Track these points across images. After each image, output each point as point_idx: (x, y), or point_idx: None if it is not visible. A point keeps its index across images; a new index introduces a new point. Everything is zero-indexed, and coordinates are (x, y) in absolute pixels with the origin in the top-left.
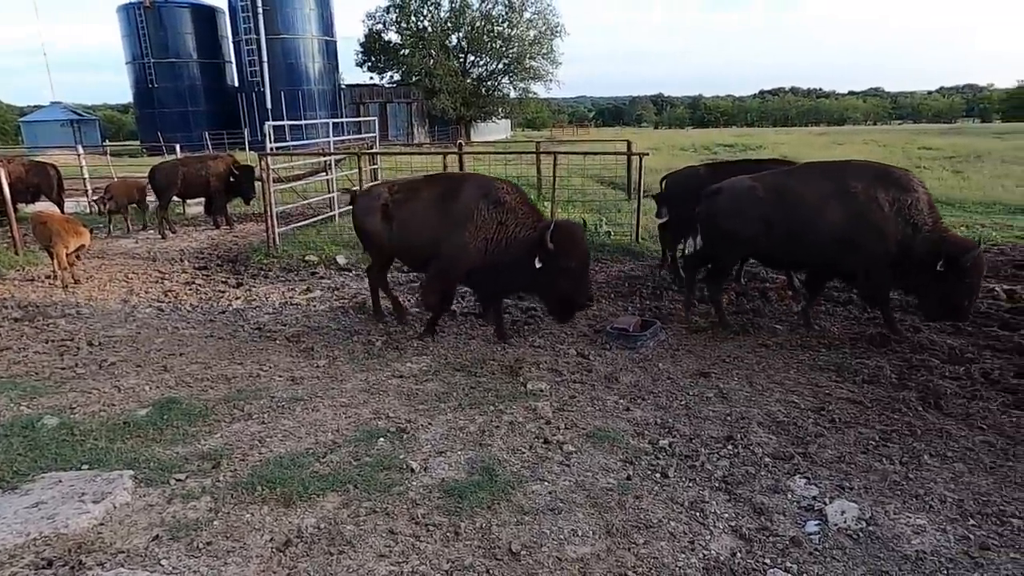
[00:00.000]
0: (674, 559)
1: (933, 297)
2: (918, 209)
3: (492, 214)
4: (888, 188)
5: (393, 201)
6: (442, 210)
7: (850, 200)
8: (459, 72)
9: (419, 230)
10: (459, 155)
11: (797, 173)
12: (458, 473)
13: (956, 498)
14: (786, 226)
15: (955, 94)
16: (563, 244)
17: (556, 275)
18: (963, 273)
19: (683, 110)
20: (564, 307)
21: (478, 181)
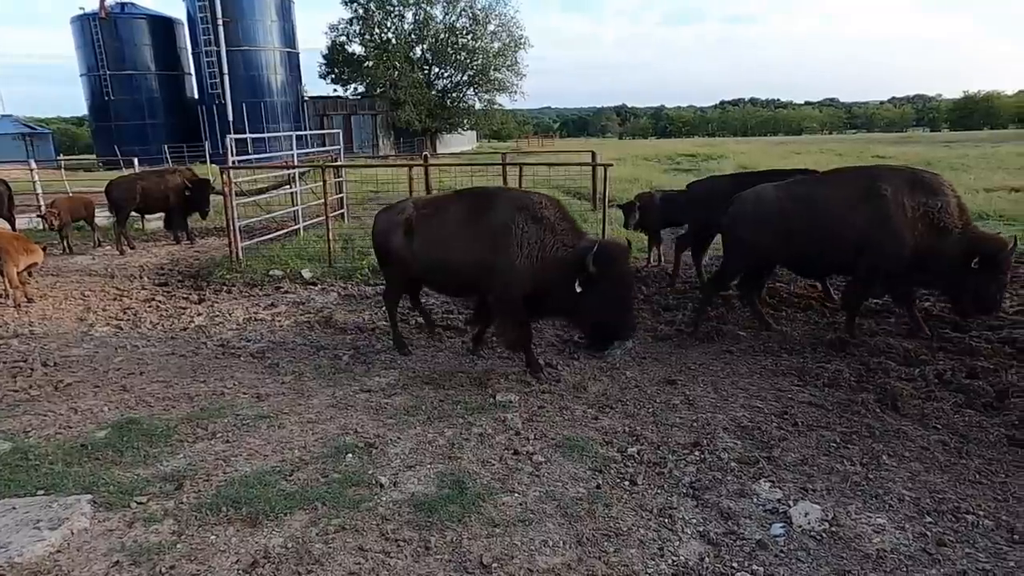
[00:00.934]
0: (644, 566)
1: (967, 294)
2: (948, 212)
3: (531, 231)
4: (916, 193)
5: (418, 217)
6: (475, 227)
7: (879, 204)
8: (424, 84)
9: (448, 249)
10: (425, 167)
11: (825, 180)
12: (428, 487)
13: (913, 496)
14: (810, 233)
15: (906, 104)
16: (607, 267)
17: (597, 301)
18: (997, 269)
19: (646, 121)
20: (603, 337)
21: (513, 195)
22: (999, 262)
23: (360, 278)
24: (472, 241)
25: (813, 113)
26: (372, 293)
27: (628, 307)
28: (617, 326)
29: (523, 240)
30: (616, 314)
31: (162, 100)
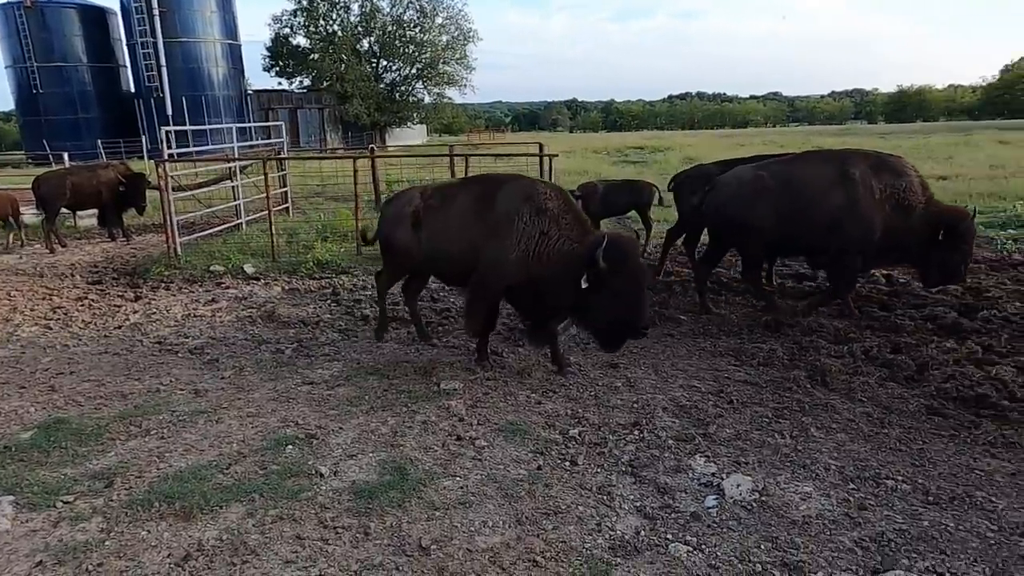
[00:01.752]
0: (582, 541)
1: (933, 266)
2: (912, 191)
3: (535, 222)
4: (883, 175)
5: (426, 207)
6: (480, 217)
7: (849, 187)
8: (372, 77)
9: (455, 239)
10: (371, 159)
11: (799, 162)
12: (369, 475)
13: (839, 465)
14: (791, 214)
15: (844, 98)
16: (617, 263)
17: (608, 298)
18: (959, 240)
19: (596, 114)
20: (614, 335)
21: (520, 184)
22: (961, 233)
23: (305, 272)
24: (476, 232)
25: (757, 107)
26: (317, 287)
27: (641, 303)
28: (630, 323)
29: (524, 232)
30: (628, 311)
31: (95, 93)
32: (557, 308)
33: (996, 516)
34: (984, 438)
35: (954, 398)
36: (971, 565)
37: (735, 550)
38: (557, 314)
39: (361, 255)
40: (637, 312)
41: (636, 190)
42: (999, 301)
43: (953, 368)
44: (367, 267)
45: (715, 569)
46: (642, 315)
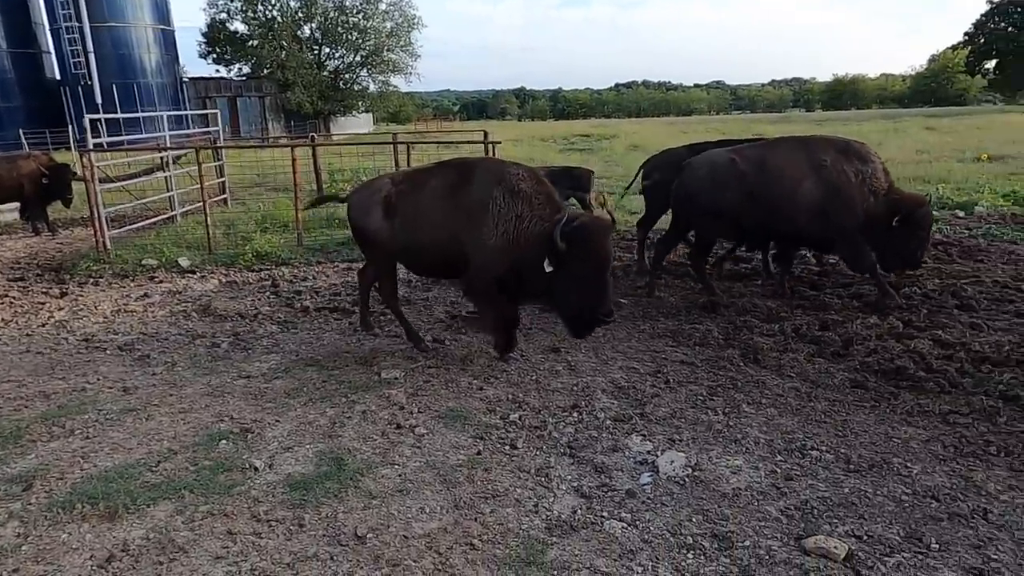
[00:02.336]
0: (519, 523)
1: (891, 250)
2: (877, 177)
3: (509, 205)
4: (852, 160)
5: (397, 193)
6: (453, 202)
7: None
8: (314, 64)
9: (427, 227)
10: (312, 147)
11: (772, 146)
12: (305, 467)
13: (767, 439)
14: (764, 198)
15: (784, 87)
16: (578, 244)
17: (569, 281)
18: (916, 226)
19: (544, 102)
20: (580, 321)
21: (490, 166)
22: (918, 220)
23: (243, 264)
24: (449, 218)
25: (701, 95)
26: (256, 279)
27: (602, 289)
28: (592, 309)
29: (499, 216)
30: (590, 295)
31: (16, 81)
32: (531, 295)
33: (911, 480)
34: (902, 408)
35: (876, 371)
36: (887, 527)
37: (668, 524)
38: (530, 302)
39: (302, 246)
40: (599, 296)
41: (575, 176)
42: (920, 279)
43: (876, 343)
44: (308, 258)
45: (648, 544)
46: (604, 299)
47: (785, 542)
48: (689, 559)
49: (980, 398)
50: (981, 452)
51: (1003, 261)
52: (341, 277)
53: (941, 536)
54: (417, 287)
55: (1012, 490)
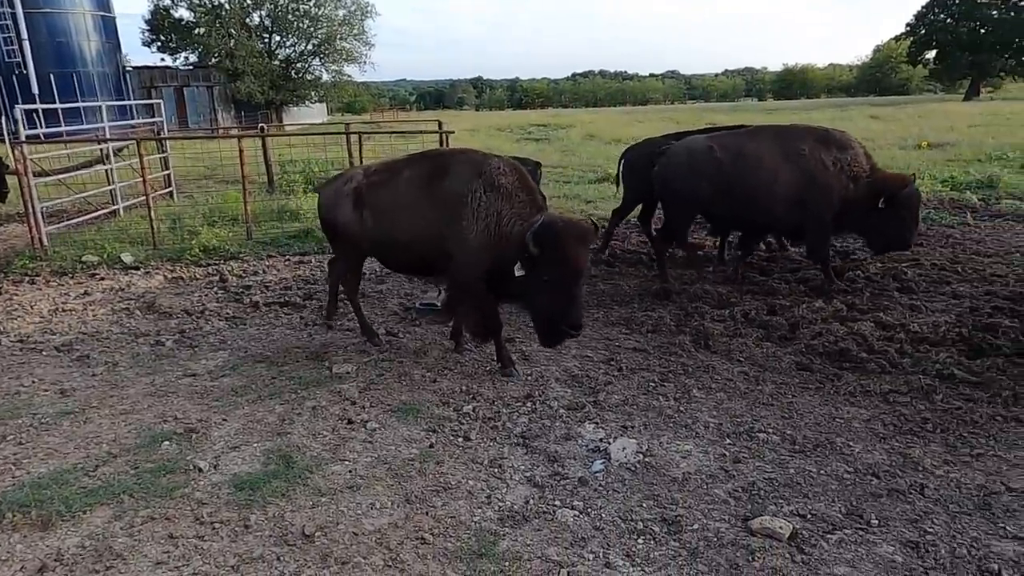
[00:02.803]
0: (471, 515)
1: (877, 232)
2: (858, 162)
3: (488, 198)
4: (831, 148)
5: (368, 185)
6: (427, 195)
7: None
8: (264, 53)
9: (399, 221)
10: (262, 138)
11: (750, 135)
12: (252, 466)
13: (717, 423)
14: (741, 185)
15: (736, 76)
16: (550, 248)
17: (539, 287)
18: (901, 207)
19: (502, 92)
20: (549, 329)
21: (469, 158)
22: (902, 200)
23: (190, 258)
24: (425, 212)
25: (657, 85)
26: (203, 274)
27: (571, 299)
28: (559, 319)
29: (479, 210)
30: (559, 303)
31: None
32: (512, 296)
33: (852, 459)
34: (845, 388)
35: (821, 353)
36: (830, 505)
37: (619, 510)
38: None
39: (252, 240)
40: (567, 306)
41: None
42: (863, 263)
43: (821, 326)
44: (258, 252)
45: (599, 530)
46: (572, 310)
47: (733, 524)
48: (640, 544)
49: (918, 377)
50: (919, 429)
51: (941, 244)
52: (292, 271)
53: (881, 512)
54: (371, 279)
55: (947, 465)
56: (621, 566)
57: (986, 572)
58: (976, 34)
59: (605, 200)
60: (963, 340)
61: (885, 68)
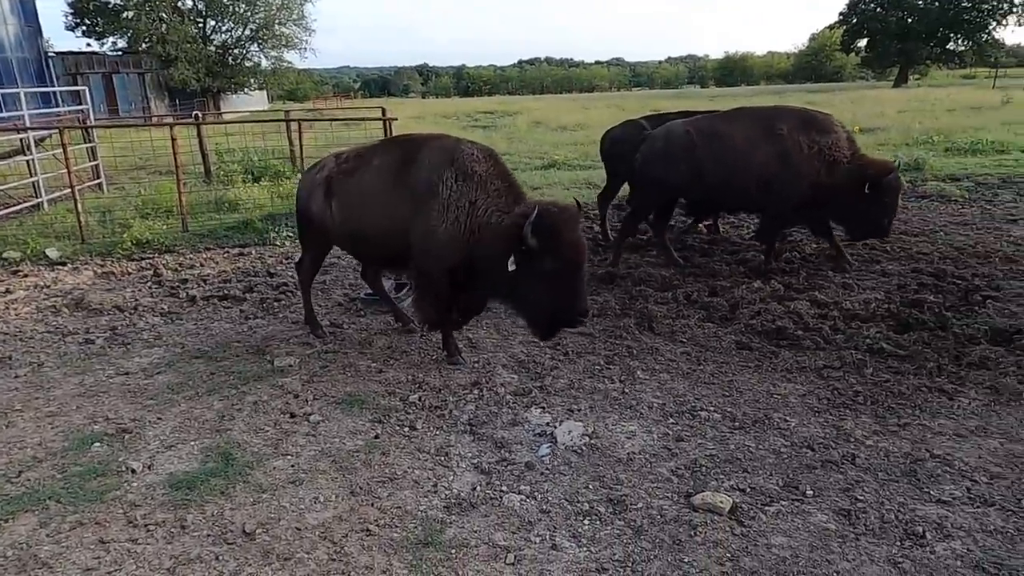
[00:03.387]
0: (417, 504)
1: (859, 219)
2: (839, 147)
3: (460, 188)
4: (810, 131)
5: (339, 173)
6: (397, 184)
7: (776, 143)
8: (199, 39)
9: (367, 211)
10: (197, 126)
11: (728, 118)
12: (189, 465)
13: (660, 403)
14: (717, 168)
15: (680, 63)
16: (550, 238)
17: (538, 281)
18: (883, 193)
19: (448, 80)
20: (549, 323)
21: (441, 144)
22: (885, 187)
23: (122, 252)
24: (393, 202)
25: (602, 72)
26: (136, 269)
27: (578, 286)
28: (565, 310)
29: (450, 200)
30: (563, 295)
31: None
32: (491, 293)
33: (789, 433)
34: (782, 365)
35: (759, 332)
36: (768, 479)
37: (565, 493)
38: (487, 303)
39: (188, 232)
40: (573, 296)
41: None
42: (799, 243)
43: (760, 306)
44: (195, 244)
45: (546, 514)
46: (578, 299)
47: (676, 501)
48: (585, 525)
49: (850, 352)
50: (851, 402)
51: None
52: (232, 263)
53: (815, 483)
54: None
55: (876, 435)
56: (567, 547)
57: (911, 535)
58: (904, 23)
59: (551, 186)
60: (891, 316)
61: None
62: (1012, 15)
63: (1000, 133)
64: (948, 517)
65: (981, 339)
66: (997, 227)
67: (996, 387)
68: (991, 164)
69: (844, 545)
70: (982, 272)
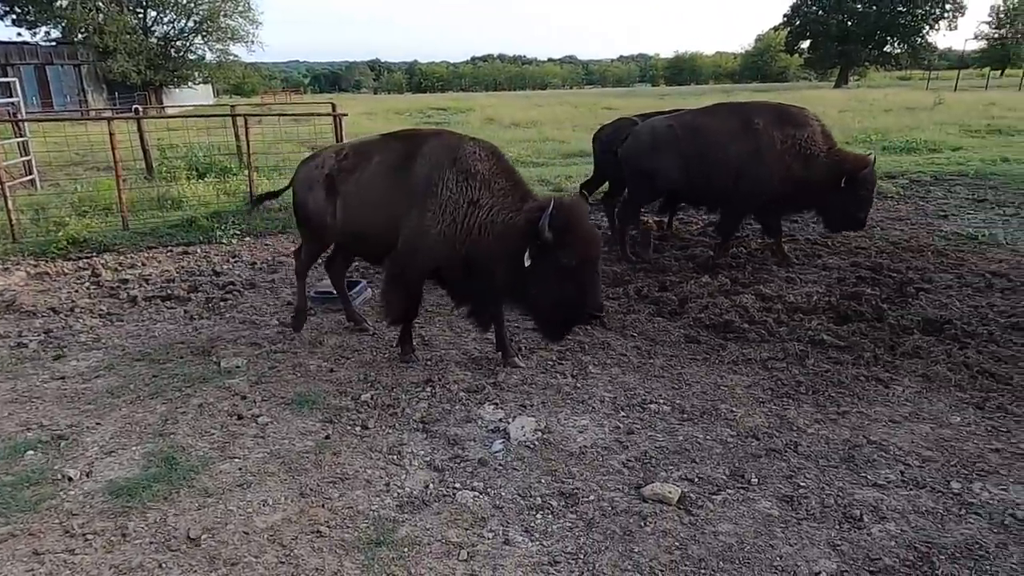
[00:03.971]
0: (369, 504)
1: (835, 211)
2: (814, 141)
3: (461, 188)
4: (785, 126)
5: (340, 170)
6: (396, 181)
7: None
8: (139, 30)
9: (368, 208)
10: (137, 121)
11: (708, 113)
12: (131, 471)
13: (611, 397)
14: (700, 162)
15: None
16: (567, 233)
17: (555, 277)
18: (859, 187)
19: (400, 75)
20: (562, 321)
21: (444, 141)
22: (860, 180)
23: (57, 252)
24: (393, 201)
25: (555, 69)
26: (72, 269)
27: (594, 280)
28: (580, 305)
29: (448, 200)
30: (579, 290)
31: None
32: (499, 294)
33: (735, 423)
34: (729, 358)
35: (707, 326)
36: (715, 468)
37: (518, 488)
38: (502, 302)
39: (128, 230)
40: (589, 290)
41: None
42: (745, 239)
43: (708, 300)
44: (136, 243)
45: (499, 509)
46: (594, 294)
47: (626, 492)
48: (538, 519)
49: (793, 344)
50: (793, 392)
51: (813, 220)
52: (175, 263)
53: (760, 471)
54: (262, 268)
55: (817, 423)
56: (520, 542)
57: (850, 518)
58: (844, 26)
59: None
60: (832, 308)
61: (766, 56)
62: (943, 20)
63: (933, 133)
64: (883, 500)
65: (914, 329)
66: (929, 223)
67: (927, 375)
68: (924, 162)
69: (787, 530)
70: (915, 265)
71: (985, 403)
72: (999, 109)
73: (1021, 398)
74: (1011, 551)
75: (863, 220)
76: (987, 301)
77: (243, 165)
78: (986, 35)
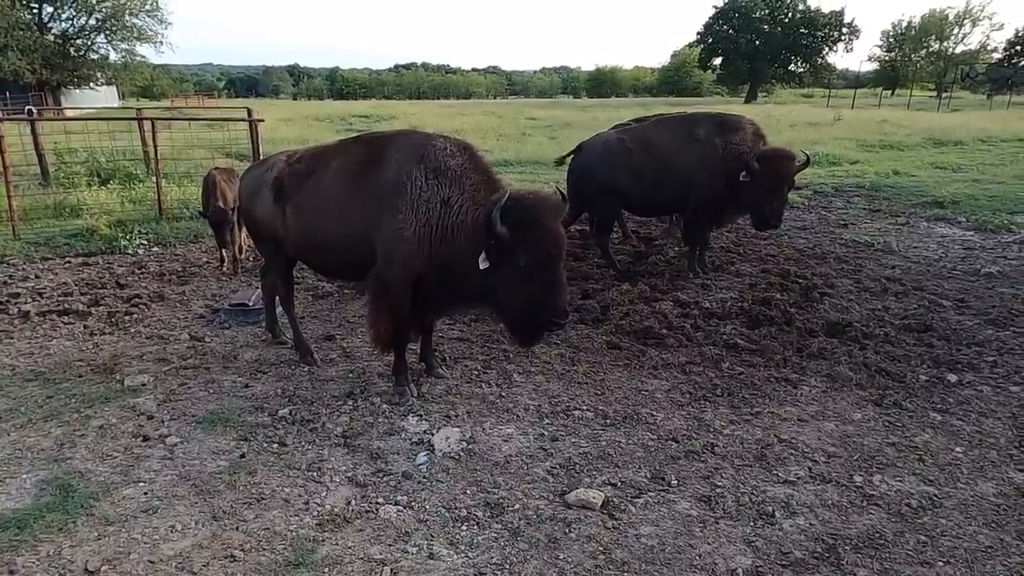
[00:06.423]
0: (287, 524)
1: (754, 209)
2: (744, 142)
3: (432, 187)
4: (725, 132)
5: (291, 174)
6: (359, 186)
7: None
8: (34, 26)
9: (325, 217)
10: (31, 123)
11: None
12: (21, 501)
13: (536, 405)
14: (651, 172)
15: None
16: (523, 229)
17: (515, 279)
18: (758, 176)
19: (321, 82)
20: (528, 325)
21: (410, 141)
22: (764, 171)
23: None
24: (356, 207)
25: (479, 79)
26: None
27: (557, 280)
28: (544, 308)
29: (419, 200)
30: (539, 294)
31: None
32: (466, 300)
33: (656, 427)
34: (649, 363)
35: (628, 332)
36: (637, 472)
37: (443, 500)
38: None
39: (19, 240)
40: (551, 293)
41: None
42: (664, 247)
43: (628, 307)
44: (29, 254)
45: (424, 523)
46: (557, 297)
47: (551, 500)
48: (463, 531)
49: (709, 348)
50: (710, 395)
51: (727, 229)
52: (74, 275)
53: (679, 473)
54: (171, 280)
55: (732, 424)
56: (445, 555)
57: (763, 514)
58: (753, 45)
59: None
60: (744, 313)
61: (681, 72)
62: (840, 42)
63: (833, 147)
64: (793, 496)
65: (819, 332)
66: (832, 231)
67: (831, 375)
68: (826, 175)
69: (705, 529)
70: (820, 271)
71: (883, 400)
72: (890, 126)
73: (914, 394)
74: (907, 538)
75: (774, 213)
76: (883, 304)
77: (150, 171)
78: (878, 57)
